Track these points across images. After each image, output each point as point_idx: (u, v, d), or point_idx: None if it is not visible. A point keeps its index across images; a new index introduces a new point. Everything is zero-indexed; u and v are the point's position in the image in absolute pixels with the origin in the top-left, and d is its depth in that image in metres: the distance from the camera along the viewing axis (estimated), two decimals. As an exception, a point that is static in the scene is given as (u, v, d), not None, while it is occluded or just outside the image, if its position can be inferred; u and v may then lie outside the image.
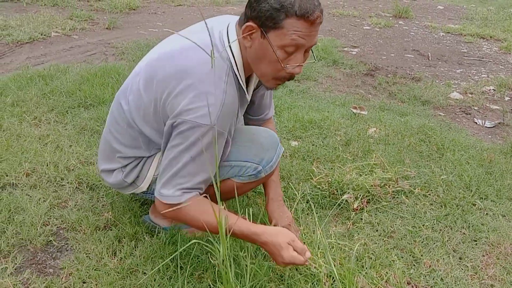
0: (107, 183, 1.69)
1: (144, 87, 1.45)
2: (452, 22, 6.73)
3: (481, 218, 1.92)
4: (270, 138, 1.59)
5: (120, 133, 1.57)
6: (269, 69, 1.38)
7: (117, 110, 1.58)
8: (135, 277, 1.49)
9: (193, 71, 1.35)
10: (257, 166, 1.54)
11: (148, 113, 1.46)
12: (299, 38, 1.30)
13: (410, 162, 2.30)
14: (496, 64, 4.72)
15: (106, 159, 1.65)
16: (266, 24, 1.31)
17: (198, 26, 1.53)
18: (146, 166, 1.59)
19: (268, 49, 1.33)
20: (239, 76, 1.43)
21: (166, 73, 1.39)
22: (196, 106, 1.32)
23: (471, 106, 3.50)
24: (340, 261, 1.58)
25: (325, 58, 4.44)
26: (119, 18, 5.78)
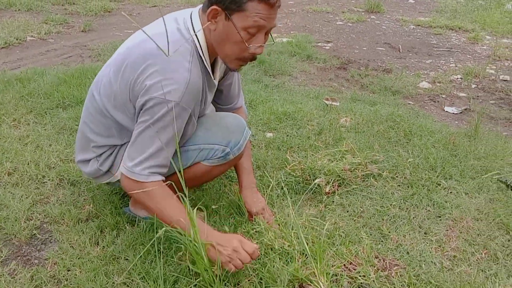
0: (84, 174, 1.76)
1: (115, 76, 1.53)
2: (422, 15, 6.91)
3: (445, 196, 2.05)
4: (237, 121, 1.68)
5: (94, 123, 1.65)
6: (233, 50, 1.48)
7: (90, 102, 1.66)
8: (118, 263, 1.56)
9: (159, 53, 1.43)
10: (225, 148, 1.63)
11: (119, 100, 1.55)
12: (261, 19, 1.42)
13: (379, 148, 2.41)
14: (464, 54, 4.89)
15: (82, 150, 1.73)
16: (230, 7, 1.41)
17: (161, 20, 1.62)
18: (119, 154, 1.67)
19: (232, 31, 1.44)
20: (204, 58, 1.52)
21: (134, 58, 1.48)
22: (162, 84, 1.41)
23: (439, 94, 3.64)
24: (312, 240, 1.68)
25: (299, 53, 4.55)
26: (94, 21, 5.80)
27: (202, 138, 1.62)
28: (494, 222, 1.87)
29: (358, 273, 1.53)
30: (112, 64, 1.59)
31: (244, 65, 1.57)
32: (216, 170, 1.70)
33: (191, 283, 1.44)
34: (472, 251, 1.71)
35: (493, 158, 2.37)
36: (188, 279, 1.45)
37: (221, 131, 1.65)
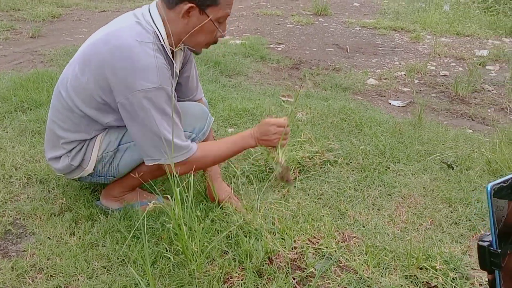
0: (56, 171, 1.82)
1: (81, 71, 1.62)
2: (367, 17, 7.26)
3: (394, 178, 2.25)
4: (200, 108, 1.84)
5: (62, 120, 1.73)
6: (205, 39, 1.67)
7: (58, 100, 1.73)
8: (96, 250, 1.64)
9: (123, 46, 1.54)
10: (191, 134, 1.76)
11: (88, 93, 1.63)
12: (229, 9, 1.63)
13: (333, 137, 2.60)
14: (407, 53, 5.22)
15: (52, 148, 1.80)
16: (204, 3, 1.57)
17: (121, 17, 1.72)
18: (89, 148, 1.75)
19: (208, 22, 1.61)
20: (165, 46, 1.64)
21: (101, 53, 1.58)
22: (137, 76, 1.52)
23: (385, 89, 3.90)
24: (278, 219, 1.82)
25: (253, 54, 4.71)
26: (43, 27, 5.72)
27: None
28: (438, 197, 2.08)
29: (321, 245, 1.69)
30: (77, 61, 1.68)
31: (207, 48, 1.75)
32: None
33: (170, 262, 1.54)
34: (420, 222, 1.91)
35: (435, 143, 2.61)
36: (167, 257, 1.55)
37: (186, 119, 1.75)
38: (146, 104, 1.53)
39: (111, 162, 1.75)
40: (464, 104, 3.58)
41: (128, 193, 1.92)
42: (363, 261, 1.63)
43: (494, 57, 4.80)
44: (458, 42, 5.63)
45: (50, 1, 7.45)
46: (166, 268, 1.53)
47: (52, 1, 7.50)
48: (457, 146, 2.56)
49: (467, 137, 2.76)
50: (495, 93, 3.82)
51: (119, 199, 1.91)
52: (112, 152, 1.73)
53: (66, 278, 1.51)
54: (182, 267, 1.53)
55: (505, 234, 0.78)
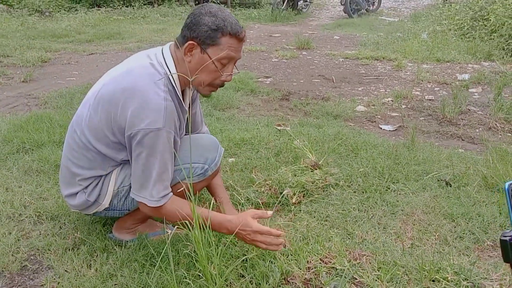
0: (72, 206, 1.85)
1: (94, 111, 1.69)
2: (348, 49, 7.50)
3: (396, 197, 2.32)
4: (211, 140, 1.91)
5: (77, 157, 1.77)
6: (207, 78, 1.69)
7: (72, 138, 1.79)
8: (116, 279, 1.66)
9: (135, 86, 1.62)
10: (204, 165, 1.82)
11: (101, 132, 1.69)
12: (232, 52, 1.66)
13: (332, 162, 2.67)
14: (391, 80, 5.39)
15: (68, 185, 1.83)
16: (205, 42, 1.63)
17: (134, 56, 1.81)
18: (105, 183, 1.79)
19: (207, 62, 1.64)
20: (175, 86, 1.71)
21: (112, 93, 1.65)
22: (143, 115, 1.59)
23: (375, 115, 4.02)
24: (290, 242, 1.87)
25: (243, 88, 4.83)
26: (34, 71, 5.79)
27: (182, 159, 1.77)
28: (440, 213, 2.16)
29: (334, 264, 1.73)
30: (91, 99, 1.75)
31: (214, 91, 1.78)
32: (197, 186, 1.86)
33: (190, 287, 1.57)
34: (426, 238, 1.97)
35: (431, 163, 2.70)
36: (186, 282, 1.58)
37: (198, 151, 1.82)
38: (145, 142, 1.59)
39: (127, 196, 1.79)
40: (452, 126, 3.71)
41: (140, 225, 1.95)
42: (376, 276, 1.67)
43: (476, 80, 4.99)
44: (440, 68, 5.84)
45: (38, 46, 7.56)
46: (187, 293, 1.56)
47: (40, 46, 7.61)
48: (452, 164, 2.66)
49: (460, 155, 2.87)
50: (481, 113, 3.97)
51: (131, 231, 1.94)
52: (128, 186, 1.77)
53: (88, 309, 1.52)
54: (202, 291, 1.56)
55: None
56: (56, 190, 2.35)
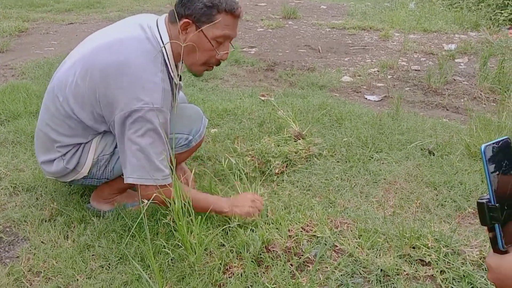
0: (48, 173, 1.80)
1: (82, 79, 1.60)
2: (335, 19, 7.39)
3: (379, 166, 2.30)
4: (195, 110, 1.86)
5: (58, 124, 1.70)
6: (202, 57, 1.63)
7: (53, 103, 1.70)
8: (93, 250, 1.63)
9: (132, 63, 1.54)
10: (188, 136, 1.79)
11: (86, 102, 1.61)
12: (228, 29, 1.59)
13: (316, 132, 2.64)
14: (377, 50, 5.34)
15: (45, 151, 1.77)
16: (200, 20, 1.56)
17: (125, 22, 1.72)
18: (85, 151, 1.73)
19: (203, 40, 1.59)
20: (169, 65, 1.64)
21: (105, 65, 1.56)
22: (140, 94, 1.52)
23: (361, 85, 3.99)
24: (271, 211, 1.84)
25: (227, 58, 4.73)
26: (11, 41, 5.62)
27: None
28: (423, 182, 2.15)
29: (315, 232, 1.72)
30: (78, 66, 1.64)
31: (209, 70, 1.74)
32: (181, 156, 1.83)
33: (168, 256, 1.54)
34: (407, 205, 1.97)
35: (414, 132, 2.69)
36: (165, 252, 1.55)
37: (183, 121, 1.78)
38: (143, 122, 1.52)
39: (106, 165, 1.74)
40: (437, 96, 3.69)
41: (119, 195, 1.91)
42: (357, 244, 1.67)
43: (462, 50, 4.96)
44: (426, 38, 5.79)
45: (15, 16, 7.32)
46: (165, 263, 1.54)
47: (17, 15, 7.37)
48: (436, 133, 2.64)
49: (444, 125, 2.86)
50: (466, 83, 3.95)
51: (109, 201, 1.89)
52: (108, 155, 1.72)
53: (65, 279, 1.49)
54: (181, 261, 1.54)
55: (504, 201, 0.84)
56: (32, 161, 2.29)
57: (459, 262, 1.56)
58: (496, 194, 0.83)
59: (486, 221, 0.84)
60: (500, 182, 0.84)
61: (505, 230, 0.85)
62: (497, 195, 0.83)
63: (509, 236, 0.85)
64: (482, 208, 0.84)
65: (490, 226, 0.85)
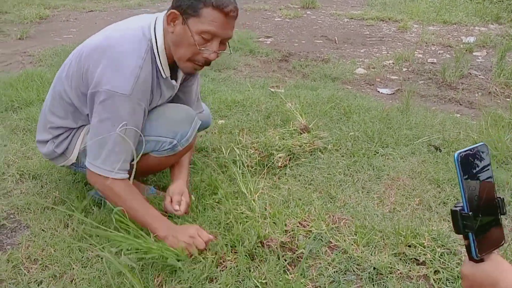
0: (43, 154, 1.86)
1: (75, 59, 1.65)
2: (354, 9, 7.30)
3: (383, 161, 2.28)
4: (185, 112, 1.76)
5: (53, 105, 1.75)
6: (186, 52, 1.57)
7: (54, 85, 1.77)
8: (90, 239, 1.66)
9: (115, 45, 1.56)
10: (172, 140, 1.71)
11: (74, 79, 1.65)
12: (214, 26, 1.52)
13: (323, 125, 2.63)
14: (394, 42, 5.26)
15: (41, 131, 1.82)
16: (187, 12, 1.53)
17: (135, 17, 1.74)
18: (74, 138, 1.77)
19: (187, 34, 1.54)
20: (158, 57, 1.62)
21: (94, 46, 1.60)
22: (113, 77, 1.51)
23: (374, 78, 3.94)
24: (270, 205, 1.85)
25: (242, 48, 4.73)
26: (31, 28, 5.72)
27: (149, 130, 1.68)
28: (426, 179, 2.12)
29: (312, 227, 1.72)
30: (78, 50, 1.70)
31: (198, 69, 1.66)
32: (166, 161, 1.79)
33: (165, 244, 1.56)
34: (408, 202, 1.94)
35: (423, 128, 2.65)
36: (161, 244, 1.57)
37: (169, 123, 1.71)
38: (108, 105, 1.52)
39: None
40: (451, 90, 3.62)
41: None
42: (352, 241, 1.66)
43: (481, 43, 4.86)
44: (446, 30, 5.68)
45: (37, 3, 7.44)
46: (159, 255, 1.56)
47: (38, 2, 7.49)
48: (445, 129, 2.60)
49: (455, 120, 2.80)
50: (482, 78, 3.87)
51: None
52: None
53: (61, 268, 1.53)
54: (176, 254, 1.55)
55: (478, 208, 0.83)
56: (41, 149, 2.34)
57: (454, 262, 1.54)
58: (470, 202, 0.82)
59: (460, 229, 0.83)
60: (474, 190, 0.83)
61: (481, 238, 0.83)
62: (470, 204, 0.82)
63: (484, 245, 0.84)
64: (455, 216, 0.83)
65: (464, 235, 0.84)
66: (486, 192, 0.84)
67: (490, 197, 0.85)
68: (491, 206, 0.85)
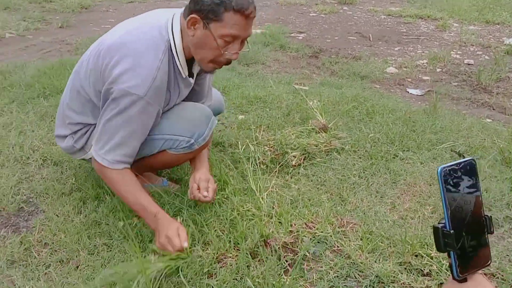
0: (62, 148, 1.90)
1: (93, 57, 1.67)
2: (394, 5, 7.12)
3: (401, 166, 2.23)
4: (202, 113, 1.80)
5: (72, 99, 1.78)
6: (208, 54, 1.61)
7: (72, 79, 1.80)
8: (99, 227, 1.71)
9: (132, 45, 1.58)
10: (190, 139, 1.74)
11: (91, 75, 1.67)
12: (236, 29, 1.54)
13: (343, 125, 2.59)
14: (431, 41, 5.11)
15: (60, 126, 1.87)
16: (208, 17, 1.54)
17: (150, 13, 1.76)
18: (93, 134, 1.80)
19: (209, 38, 1.56)
20: (176, 57, 1.65)
21: (112, 43, 1.61)
22: (129, 76, 1.54)
23: (405, 78, 3.84)
24: (278, 204, 1.85)
25: (273, 43, 4.71)
26: (72, 17, 5.89)
27: (167, 128, 1.72)
28: (444, 186, 2.05)
29: (317, 230, 1.70)
30: (94, 48, 1.72)
31: (218, 68, 1.70)
32: (183, 157, 1.82)
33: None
34: (422, 210, 1.89)
35: (448, 132, 2.56)
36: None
37: (186, 123, 1.75)
38: (121, 103, 1.55)
39: None
40: (486, 93, 3.49)
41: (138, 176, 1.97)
42: (358, 246, 1.63)
43: (523, 46, 4.65)
44: (487, 30, 5.46)
45: (81, -8, 7.65)
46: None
47: (83, -9, 7.70)
48: (471, 135, 2.51)
49: (484, 126, 2.70)
50: (520, 82, 3.71)
51: None
52: None
53: (68, 253, 1.58)
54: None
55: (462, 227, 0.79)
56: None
57: (460, 275, 1.49)
58: (453, 220, 0.79)
59: (441, 247, 0.80)
60: (459, 207, 0.79)
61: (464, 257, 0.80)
62: (453, 221, 0.79)
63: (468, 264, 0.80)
64: (437, 234, 0.80)
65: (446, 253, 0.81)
66: (472, 210, 0.81)
67: (476, 215, 0.81)
68: (477, 225, 0.82)
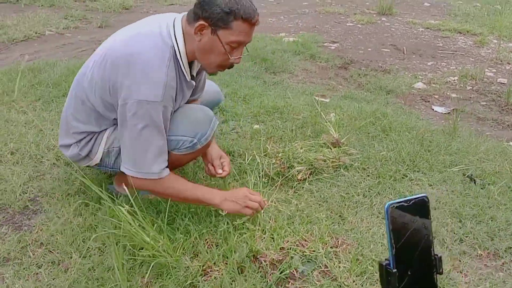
0: (66, 157, 1.96)
1: (97, 68, 1.72)
2: (434, 18, 6.94)
3: (409, 187, 2.18)
4: (205, 113, 1.85)
5: (76, 109, 1.84)
6: (216, 60, 1.70)
7: (75, 90, 1.86)
8: (95, 231, 1.76)
9: (140, 55, 1.63)
10: (193, 139, 1.79)
11: (98, 87, 1.73)
12: (243, 36, 1.65)
13: (355, 141, 2.56)
14: (467, 57, 4.95)
15: (64, 135, 1.92)
16: (217, 24, 1.61)
17: (149, 19, 1.81)
18: (97, 141, 1.86)
19: (217, 44, 1.64)
20: (181, 62, 1.70)
21: (117, 56, 1.66)
22: (141, 88, 1.60)
23: (432, 94, 3.75)
24: (274, 219, 1.84)
25: (303, 52, 4.69)
26: (112, 17, 6.06)
27: (170, 130, 1.76)
28: (449, 211, 2.00)
29: (309, 248, 1.69)
30: (97, 56, 1.78)
31: (222, 71, 1.80)
32: (186, 157, 1.87)
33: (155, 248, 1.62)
34: (422, 235, 1.84)
35: (464, 154, 2.48)
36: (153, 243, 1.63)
37: (189, 124, 1.80)
38: (142, 114, 1.60)
39: (117, 156, 1.85)
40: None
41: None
42: (347, 269, 1.61)
43: None
44: (528, 48, 5.25)
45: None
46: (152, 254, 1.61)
47: (125, -7, 7.92)
48: (487, 158, 2.43)
49: (503, 150, 2.60)
50: (553, 105, 3.54)
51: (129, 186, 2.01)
52: (118, 147, 1.82)
53: (61, 255, 1.64)
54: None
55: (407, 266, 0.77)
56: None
57: (448, 307, 1.45)
58: (398, 259, 0.77)
59: (384, 285, 0.79)
60: (406, 245, 0.77)
61: None
62: (398, 260, 0.77)
63: None
64: (381, 271, 0.79)
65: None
66: (421, 249, 0.79)
67: (425, 255, 0.79)
68: (425, 265, 0.80)
